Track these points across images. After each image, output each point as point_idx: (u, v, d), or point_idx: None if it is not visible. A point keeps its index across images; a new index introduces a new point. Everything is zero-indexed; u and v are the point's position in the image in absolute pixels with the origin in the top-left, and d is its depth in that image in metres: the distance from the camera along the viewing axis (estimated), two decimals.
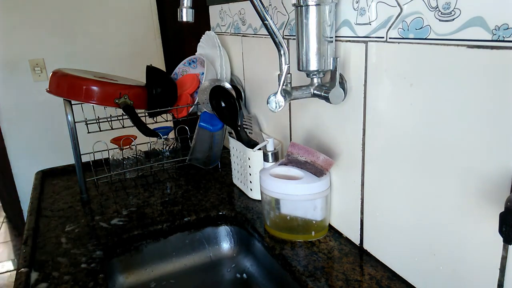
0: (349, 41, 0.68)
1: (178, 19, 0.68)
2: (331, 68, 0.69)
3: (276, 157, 0.87)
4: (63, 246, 0.82)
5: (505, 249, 0.48)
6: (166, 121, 1.16)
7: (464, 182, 0.52)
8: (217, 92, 1.01)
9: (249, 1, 0.68)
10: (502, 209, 0.40)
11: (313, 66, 0.69)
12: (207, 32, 1.22)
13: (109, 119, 1.05)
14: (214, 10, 1.26)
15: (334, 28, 0.69)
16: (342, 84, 0.70)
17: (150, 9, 2.44)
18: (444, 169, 0.54)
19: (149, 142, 1.20)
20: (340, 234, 0.80)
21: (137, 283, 0.87)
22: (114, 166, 1.13)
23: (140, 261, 0.88)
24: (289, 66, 0.70)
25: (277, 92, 0.68)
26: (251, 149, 0.92)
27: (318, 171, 0.77)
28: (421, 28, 0.53)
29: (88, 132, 1.01)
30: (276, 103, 0.67)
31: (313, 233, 0.78)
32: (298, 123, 0.89)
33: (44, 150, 2.33)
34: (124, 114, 1.02)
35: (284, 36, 0.87)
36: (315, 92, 0.71)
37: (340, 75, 0.70)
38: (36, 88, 2.28)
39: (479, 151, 0.49)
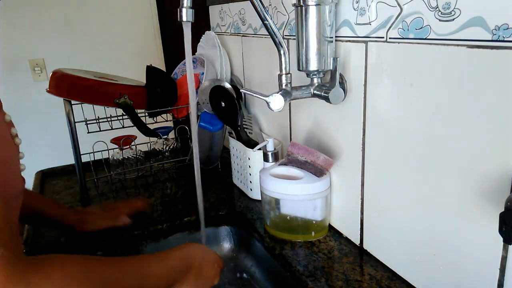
0: (349, 41, 0.68)
1: (178, 19, 0.67)
2: (331, 68, 0.69)
3: (276, 157, 0.87)
4: (63, 246, 0.82)
5: (505, 249, 0.48)
6: (166, 121, 1.16)
7: (464, 182, 0.52)
8: (217, 92, 1.01)
9: (249, 1, 0.68)
10: (502, 209, 0.40)
11: (313, 66, 0.69)
12: (207, 32, 1.22)
13: (109, 119, 1.05)
14: (214, 10, 1.26)
15: (334, 28, 0.69)
16: (342, 84, 0.70)
17: (150, 9, 2.44)
18: (444, 169, 0.54)
19: (149, 142, 1.20)
20: (340, 234, 0.80)
21: None
22: (114, 166, 1.14)
23: None
24: (289, 66, 0.70)
25: (277, 92, 0.68)
26: (251, 149, 0.92)
27: (318, 171, 0.77)
28: (421, 28, 0.53)
29: (88, 132, 1.01)
30: (276, 103, 0.67)
31: (313, 233, 0.78)
32: (298, 123, 0.89)
33: (44, 150, 2.32)
34: (124, 114, 1.02)
35: (284, 36, 0.87)
36: (315, 92, 0.71)
37: (340, 75, 0.70)
38: (36, 88, 2.27)
39: (479, 151, 0.49)
